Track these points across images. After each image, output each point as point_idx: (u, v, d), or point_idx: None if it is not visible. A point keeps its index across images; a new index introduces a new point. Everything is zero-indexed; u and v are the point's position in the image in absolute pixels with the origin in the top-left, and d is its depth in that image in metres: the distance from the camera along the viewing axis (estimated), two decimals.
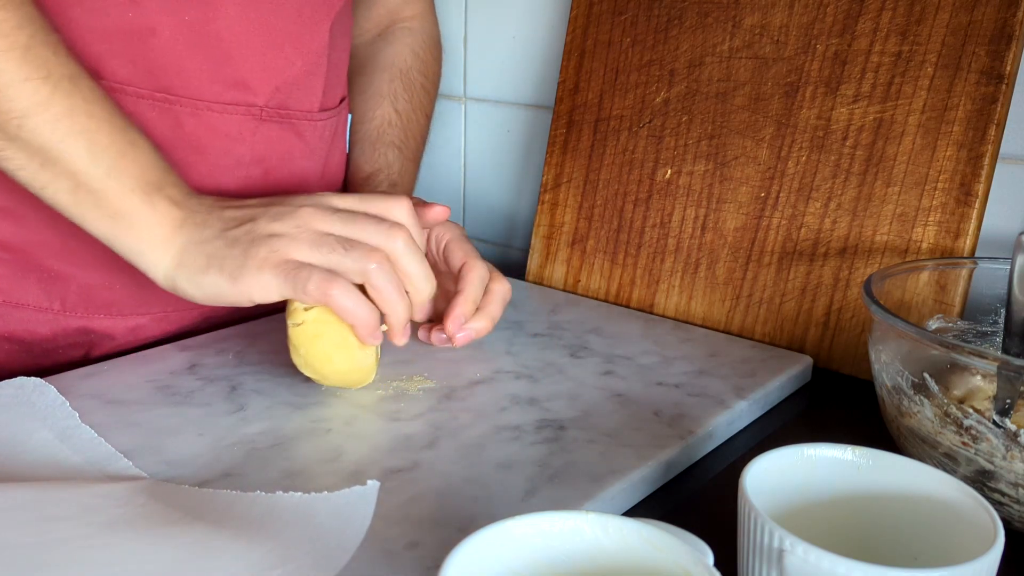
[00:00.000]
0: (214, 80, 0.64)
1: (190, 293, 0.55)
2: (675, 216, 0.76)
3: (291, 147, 0.70)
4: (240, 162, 0.67)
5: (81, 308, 0.66)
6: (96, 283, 0.66)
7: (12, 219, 0.62)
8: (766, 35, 0.72)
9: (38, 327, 0.65)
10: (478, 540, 0.33)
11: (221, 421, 0.55)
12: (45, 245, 0.63)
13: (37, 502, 0.44)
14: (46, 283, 0.64)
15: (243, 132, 0.66)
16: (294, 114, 0.69)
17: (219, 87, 0.64)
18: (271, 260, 0.53)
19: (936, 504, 0.39)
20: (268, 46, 0.66)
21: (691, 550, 0.33)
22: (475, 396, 0.59)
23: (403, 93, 0.81)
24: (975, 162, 0.63)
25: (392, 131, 0.79)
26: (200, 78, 0.63)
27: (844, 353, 0.67)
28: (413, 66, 0.83)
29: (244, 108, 0.66)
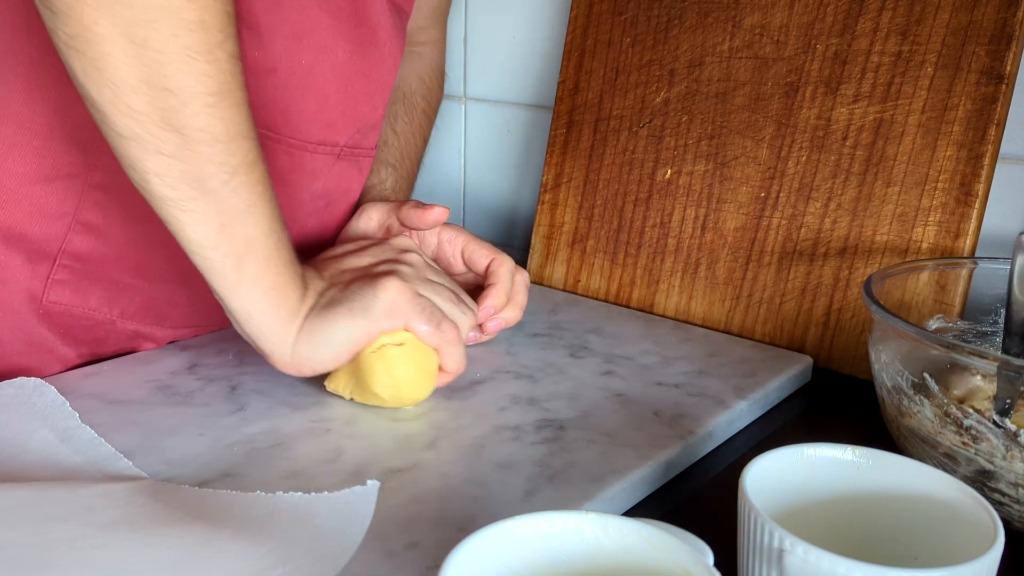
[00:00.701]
0: (312, 121, 0.65)
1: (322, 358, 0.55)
2: (675, 216, 0.76)
3: (353, 182, 0.72)
4: (312, 196, 0.68)
5: (139, 317, 0.67)
6: (160, 296, 0.66)
7: (95, 234, 0.62)
8: (766, 35, 0.72)
9: (94, 329, 0.66)
10: (478, 540, 0.33)
11: (221, 421, 0.55)
12: (121, 260, 0.63)
13: (37, 502, 0.44)
14: (112, 293, 0.65)
15: (322, 169, 0.68)
16: (362, 152, 0.71)
17: (316, 128, 0.65)
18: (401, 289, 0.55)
19: (936, 504, 0.39)
20: (364, 92, 0.67)
21: (691, 550, 0.33)
22: (475, 396, 0.59)
23: (404, 116, 0.82)
24: (975, 162, 0.63)
25: (387, 150, 0.79)
26: (301, 118, 0.64)
27: (844, 353, 0.67)
28: (417, 91, 0.84)
29: (329, 148, 0.67)
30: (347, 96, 0.67)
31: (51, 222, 0.61)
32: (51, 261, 0.62)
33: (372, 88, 0.68)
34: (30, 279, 0.61)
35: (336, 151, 0.68)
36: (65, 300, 0.63)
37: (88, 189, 0.60)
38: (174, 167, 0.48)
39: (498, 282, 0.66)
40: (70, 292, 0.63)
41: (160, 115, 0.47)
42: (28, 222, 0.60)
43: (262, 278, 0.52)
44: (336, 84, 0.65)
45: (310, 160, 0.67)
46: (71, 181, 0.60)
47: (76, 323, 0.65)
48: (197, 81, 0.47)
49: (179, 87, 0.46)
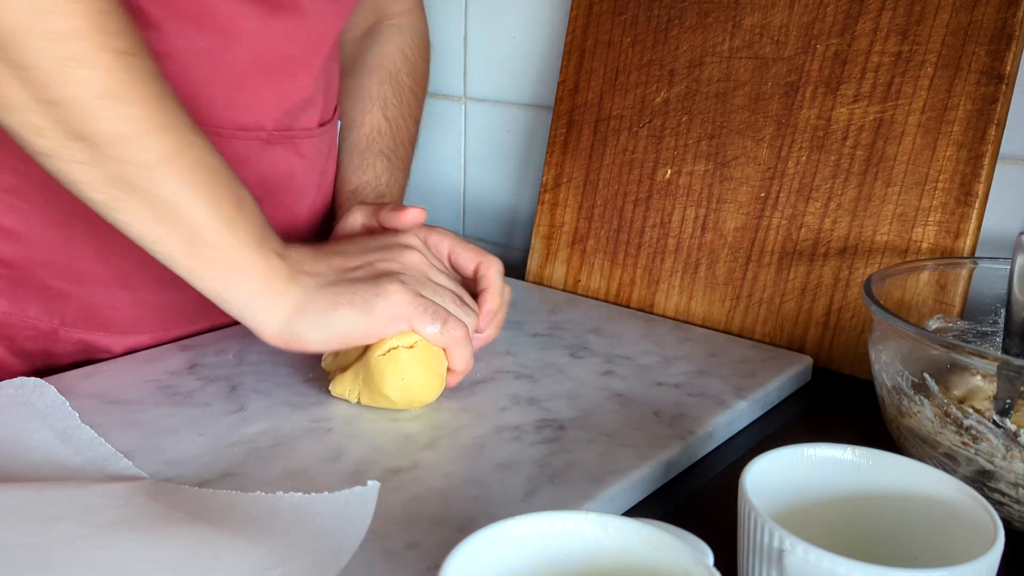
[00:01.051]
0: (226, 107, 0.64)
1: (313, 338, 0.54)
2: (675, 216, 0.76)
3: (293, 166, 0.70)
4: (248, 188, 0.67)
5: (80, 324, 0.66)
6: (97, 301, 0.65)
7: (14, 239, 0.61)
8: (766, 35, 0.72)
9: (38, 340, 0.65)
10: (478, 540, 0.33)
11: (221, 421, 0.55)
12: (48, 264, 0.63)
13: (37, 502, 0.44)
14: (47, 300, 0.64)
15: (250, 156, 0.66)
16: (297, 134, 0.69)
17: (231, 113, 0.64)
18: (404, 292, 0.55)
19: (936, 504, 0.39)
20: (282, 73, 0.66)
21: (691, 550, 0.33)
22: (475, 396, 0.59)
23: (392, 98, 0.80)
24: (975, 162, 0.63)
25: (381, 140, 0.78)
26: (212, 105, 0.63)
27: (844, 353, 0.67)
28: (402, 69, 0.81)
29: (253, 133, 0.66)
30: (263, 77, 0.65)
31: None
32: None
33: (293, 66, 0.66)
34: None
35: (264, 136, 0.66)
36: (2, 308, 0.63)
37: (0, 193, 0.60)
38: (93, 173, 0.49)
39: (490, 286, 0.64)
40: (5, 300, 0.63)
41: (63, 128, 0.47)
42: None
43: (220, 261, 0.52)
44: (247, 66, 0.63)
45: (231, 147, 0.65)
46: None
47: (19, 333, 0.64)
48: (84, 88, 0.47)
49: (69, 98, 0.46)
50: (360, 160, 0.77)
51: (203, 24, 0.61)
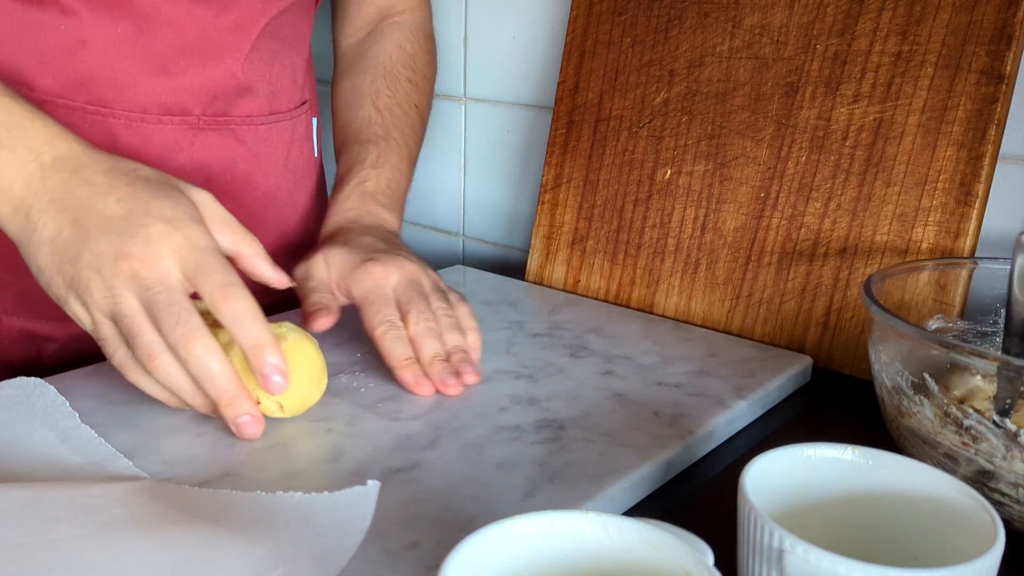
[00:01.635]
0: (149, 91, 0.64)
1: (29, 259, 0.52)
2: (675, 216, 0.76)
3: (232, 153, 0.69)
4: (180, 172, 0.66)
5: (22, 311, 0.66)
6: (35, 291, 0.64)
7: None
8: (766, 35, 0.72)
9: None
10: (478, 540, 0.33)
11: (221, 421, 0.55)
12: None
13: (37, 502, 0.44)
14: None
15: (180, 142, 0.66)
16: (234, 120, 0.69)
17: (155, 98, 0.64)
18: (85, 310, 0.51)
19: (936, 504, 0.39)
20: (206, 57, 0.65)
21: (691, 550, 0.33)
22: (475, 396, 0.59)
23: (385, 90, 0.79)
24: (975, 162, 0.63)
25: (370, 128, 0.77)
26: (135, 89, 0.63)
27: (844, 353, 0.67)
28: (398, 61, 0.81)
29: (180, 119, 0.65)
30: (186, 61, 0.64)
31: None
32: None
33: (217, 50, 0.66)
34: None
35: (192, 121, 0.66)
36: None
37: None
38: None
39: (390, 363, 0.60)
40: None
41: None
42: None
43: None
44: (168, 50, 0.63)
45: (159, 133, 0.64)
46: None
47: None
48: None
49: None
50: (348, 151, 0.76)
51: (121, 10, 0.61)
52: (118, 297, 0.50)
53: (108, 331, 0.51)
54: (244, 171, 0.71)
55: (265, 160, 0.73)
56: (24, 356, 0.68)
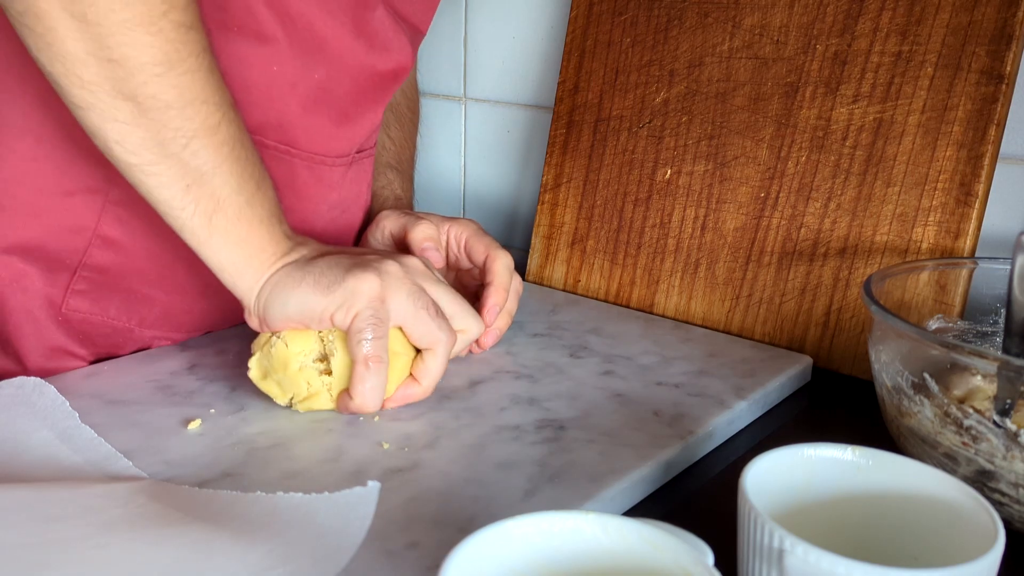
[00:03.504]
0: (332, 137, 0.66)
1: (273, 314, 0.54)
2: (675, 216, 0.76)
3: (361, 185, 0.72)
4: (331, 206, 0.69)
5: (158, 326, 0.67)
6: (179, 307, 0.67)
7: (115, 249, 0.62)
8: (766, 35, 0.72)
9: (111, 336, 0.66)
10: (478, 540, 0.33)
11: (221, 421, 0.55)
12: (141, 273, 0.64)
13: (37, 502, 0.44)
14: (131, 303, 0.65)
15: (339, 180, 0.69)
16: (366, 154, 0.72)
17: (334, 144, 0.66)
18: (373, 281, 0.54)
19: (936, 504, 0.39)
20: (372, 103, 0.68)
21: (691, 550, 0.33)
22: (475, 396, 0.59)
23: (395, 123, 0.83)
24: (975, 162, 0.63)
25: (386, 154, 0.81)
26: (321, 134, 0.65)
27: (844, 353, 0.67)
28: (402, 102, 0.85)
29: (345, 159, 0.68)
30: (363, 110, 0.67)
31: (71, 236, 0.61)
32: (71, 272, 0.62)
33: (379, 96, 0.69)
34: (49, 288, 0.62)
35: (349, 160, 0.69)
36: (84, 309, 0.64)
37: (108, 204, 0.61)
38: (131, 134, 0.50)
39: (494, 279, 0.65)
40: (89, 302, 0.64)
41: (111, 85, 0.48)
42: (48, 236, 0.60)
43: (232, 233, 0.53)
44: (349, 100, 0.66)
45: (328, 173, 0.67)
46: (91, 196, 0.60)
47: (95, 330, 0.65)
48: (141, 52, 0.48)
49: (123, 57, 0.48)
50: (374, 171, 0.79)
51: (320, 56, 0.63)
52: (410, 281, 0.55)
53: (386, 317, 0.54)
54: (364, 200, 0.74)
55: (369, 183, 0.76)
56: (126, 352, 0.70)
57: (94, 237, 0.61)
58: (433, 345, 0.56)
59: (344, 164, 0.68)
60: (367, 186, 0.74)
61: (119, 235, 0.62)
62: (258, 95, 0.61)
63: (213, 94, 0.51)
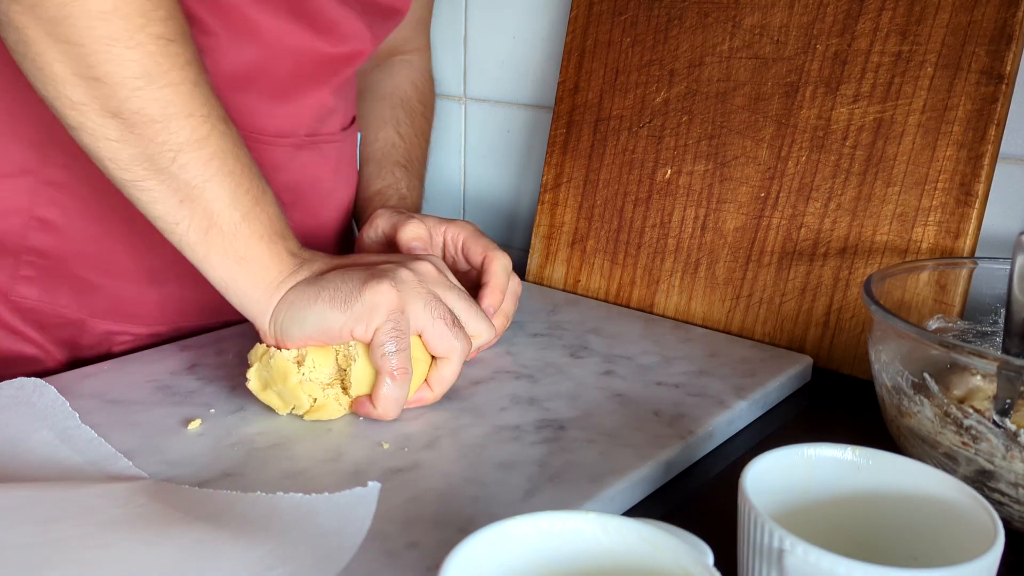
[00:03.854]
0: (268, 115, 0.66)
1: (291, 333, 0.54)
2: (675, 216, 0.76)
3: (319, 170, 0.72)
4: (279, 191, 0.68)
5: (109, 316, 0.67)
6: (125, 295, 0.67)
7: (54, 232, 0.63)
8: (766, 35, 0.72)
9: (66, 328, 0.67)
10: (478, 540, 0.33)
11: (221, 421, 0.55)
12: (83, 257, 0.64)
13: (37, 502, 0.44)
14: (78, 292, 0.66)
15: (286, 162, 0.69)
16: (322, 138, 0.72)
17: (272, 122, 0.67)
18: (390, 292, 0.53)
19: (936, 504, 0.39)
20: (316, 84, 0.68)
21: (691, 550, 0.33)
22: (475, 396, 0.59)
23: (405, 119, 0.83)
24: (975, 162, 0.63)
25: (396, 152, 0.81)
26: (257, 113, 0.66)
27: (844, 353, 0.67)
28: (413, 96, 0.86)
29: (289, 140, 0.68)
30: (301, 88, 0.67)
31: (7, 218, 0.62)
32: (14, 257, 0.63)
33: (324, 76, 0.69)
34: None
35: (296, 141, 0.68)
36: (34, 296, 0.64)
37: (42, 186, 0.61)
38: (121, 151, 0.50)
39: (491, 280, 0.65)
40: (38, 289, 0.64)
41: (98, 104, 0.49)
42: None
43: (230, 250, 0.53)
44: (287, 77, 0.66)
45: (270, 153, 0.67)
46: (24, 178, 0.61)
47: (48, 320, 0.66)
48: (122, 67, 0.48)
49: (106, 74, 0.48)
50: (378, 168, 0.80)
51: (251, 37, 0.64)
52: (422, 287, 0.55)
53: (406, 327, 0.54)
54: (326, 186, 0.74)
55: (343, 175, 0.76)
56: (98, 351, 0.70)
57: (30, 219, 0.62)
58: (449, 354, 0.55)
59: (289, 146, 0.68)
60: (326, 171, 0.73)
61: (56, 217, 0.62)
62: None
63: (200, 107, 0.51)
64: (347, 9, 0.68)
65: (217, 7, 0.62)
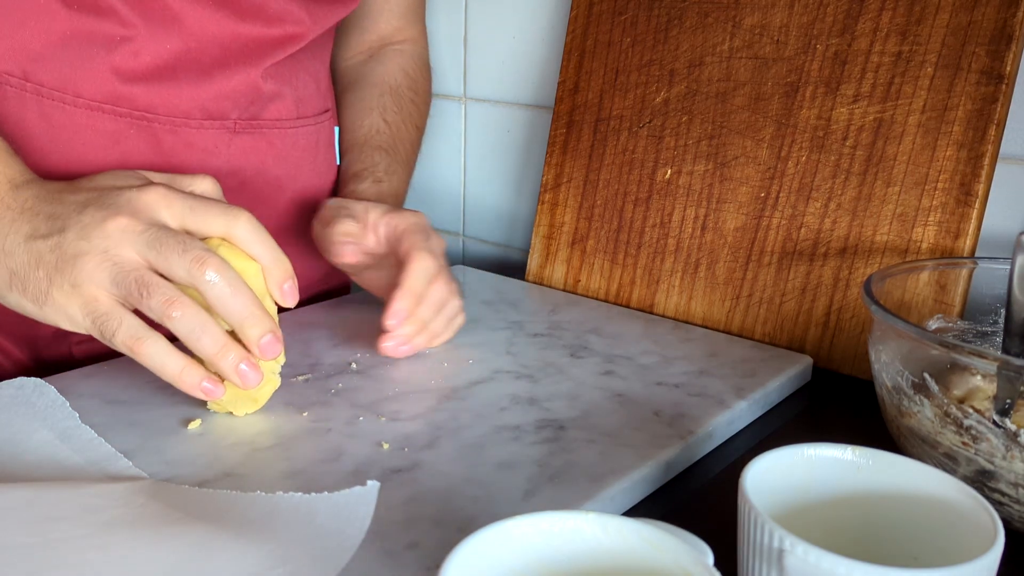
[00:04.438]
0: (193, 97, 0.66)
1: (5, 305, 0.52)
2: (675, 216, 0.76)
3: (264, 156, 0.72)
4: (217, 174, 0.68)
5: None
6: None
7: None
8: (766, 35, 0.72)
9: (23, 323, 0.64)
10: (478, 540, 0.33)
11: (221, 421, 0.55)
12: None
13: (37, 502, 0.44)
14: None
15: (219, 145, 0.69)
16: (265, 124, 0.71)
17: (197, 104, 0.66)
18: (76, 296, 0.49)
19: (936, 504, 0.39)
20: (247, 64, 0.68)
21: (691, 550, 0.33)
22: (475, 396, 0.59)
23: (392, 106, 0.83)
24: (975, 162, 0.63)
25: (380, 137, 0.80)
26: (180, 96, 0.65)
27: (844, 353, 0.67)
28: (403, 83, 0.85)
29: (219, 123, 0.68)
30: (229, 73, 0.67)
31: None
32: None
33: (259, 59, 0.68)
34: None
35: (230, 125, 0.68)
36: None
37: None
38: None
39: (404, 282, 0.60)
40: None
41: None
42: None
43: None
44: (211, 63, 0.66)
45: (200, 137, 0.67)
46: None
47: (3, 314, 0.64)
48: None
49: None
50: (359, 153, 0.79)
51: (173, 27, 0.64)
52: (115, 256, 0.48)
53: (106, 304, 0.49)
54: (275, 175, 0.74)
55: (294, 163, 0.75)
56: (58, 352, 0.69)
57: None
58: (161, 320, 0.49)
59: (222, 129, 0.68)
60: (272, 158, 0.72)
61: None
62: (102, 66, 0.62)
63: None
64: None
65: None
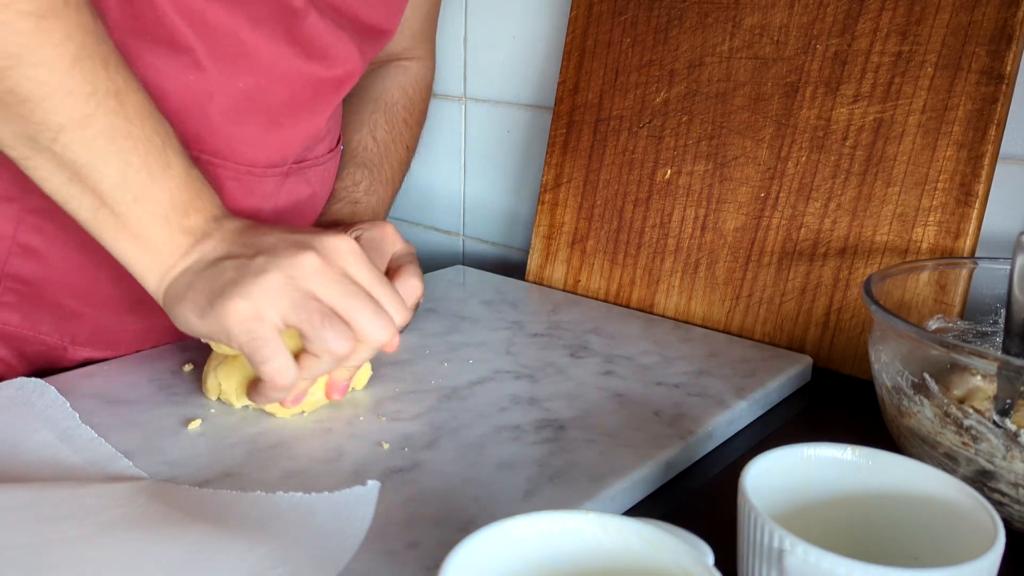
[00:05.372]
0: (261, 145, 0.65)
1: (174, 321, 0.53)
2: (675, 216, 0.76)
3: (301, 194, 0.71)
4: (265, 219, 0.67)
5: (89, 344, 0.67)
6: (107, 323, 0.66)
7: (36, 258, 0.62)
8: (766, 35, 0.72)
9: (46, 355, 0.66)
10: (478, 540, 0.33)
11: (221, 421, 0.55)
12: (65, 285, 0.63)
13: (37, 502, 0.44)
14: (59, 319, 0.65)
15: (273, 191, 0.68)
16: (308, 163, 0.71)
17: (263, 152, 0.65)
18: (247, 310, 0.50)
19: (936, 504, 0.39)
20: (310, 112, 0.67)
21: (691, 550, 0.33)
22: (475, 396, 0.59)
23: (384, 124, 0.81)
24: (975, 162, 0.63)
25: (365, 154, 0.78)
26: (246, 143, 0.64)
27: (844, 353, 0.67)
28: (399, 102, 0.83)
29: (278, 170, 0.67)
30: (297, 120, 0.66)
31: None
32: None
33: (319, 103, 0.67)
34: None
35: (284, 170, 0.68)
36: (15, 322, 0.63)
37: (25, 213, 0.60)
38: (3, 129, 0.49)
39: None
40: (19, 315, 0.63)
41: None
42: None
43: (123, 230, 0.51)
44: (281, 109, 0.65)
45: (260, 184, 0.66)
46: (7, 204, 0.60)
47: (29, 347, 0.65)
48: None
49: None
50: (342, 168, 0.78)
51: (244, 65, 0.62)
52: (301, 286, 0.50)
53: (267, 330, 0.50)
54: (307, 209, 0.73)
55: (320, 197, 0.74)
56: None
57: (13, 245, 0.61)
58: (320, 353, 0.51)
59: (278, 175, 0.67)
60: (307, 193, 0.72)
61: (39, 244, 0.61)
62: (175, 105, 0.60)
63: (81, 84, 0.49)
64: (340, 31, 0.66)
65: (209, 32, 0.59)
